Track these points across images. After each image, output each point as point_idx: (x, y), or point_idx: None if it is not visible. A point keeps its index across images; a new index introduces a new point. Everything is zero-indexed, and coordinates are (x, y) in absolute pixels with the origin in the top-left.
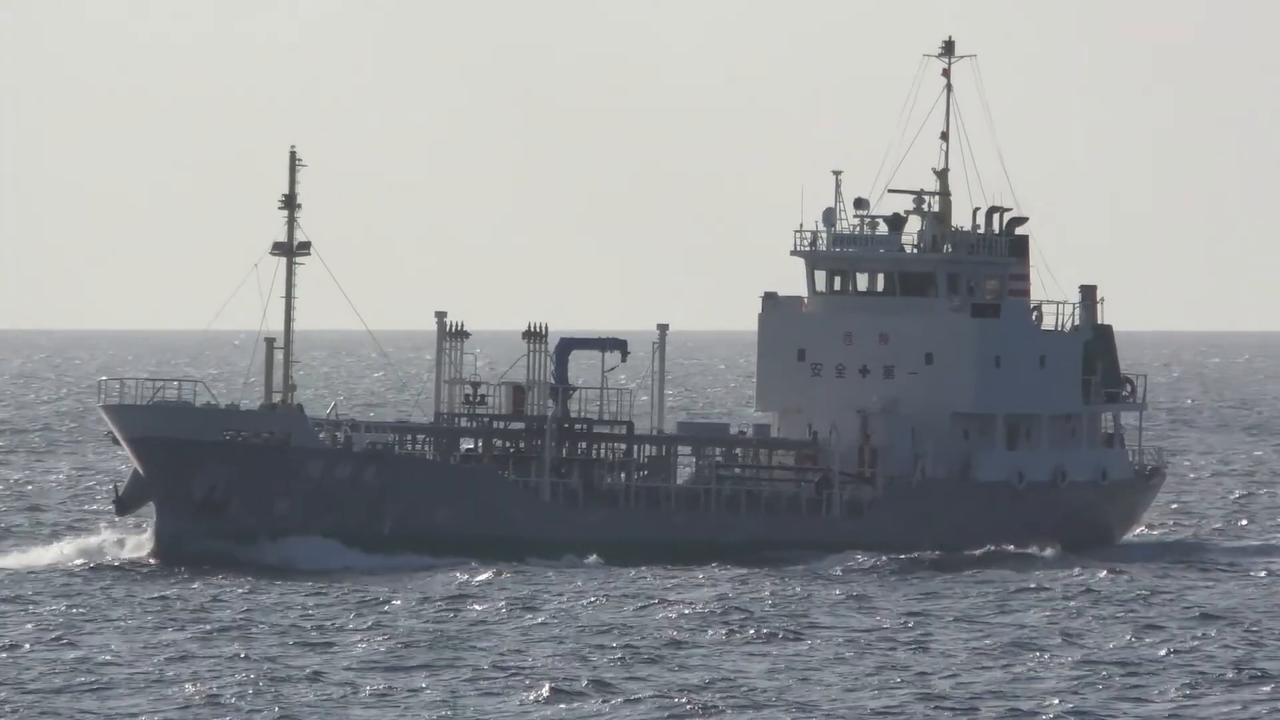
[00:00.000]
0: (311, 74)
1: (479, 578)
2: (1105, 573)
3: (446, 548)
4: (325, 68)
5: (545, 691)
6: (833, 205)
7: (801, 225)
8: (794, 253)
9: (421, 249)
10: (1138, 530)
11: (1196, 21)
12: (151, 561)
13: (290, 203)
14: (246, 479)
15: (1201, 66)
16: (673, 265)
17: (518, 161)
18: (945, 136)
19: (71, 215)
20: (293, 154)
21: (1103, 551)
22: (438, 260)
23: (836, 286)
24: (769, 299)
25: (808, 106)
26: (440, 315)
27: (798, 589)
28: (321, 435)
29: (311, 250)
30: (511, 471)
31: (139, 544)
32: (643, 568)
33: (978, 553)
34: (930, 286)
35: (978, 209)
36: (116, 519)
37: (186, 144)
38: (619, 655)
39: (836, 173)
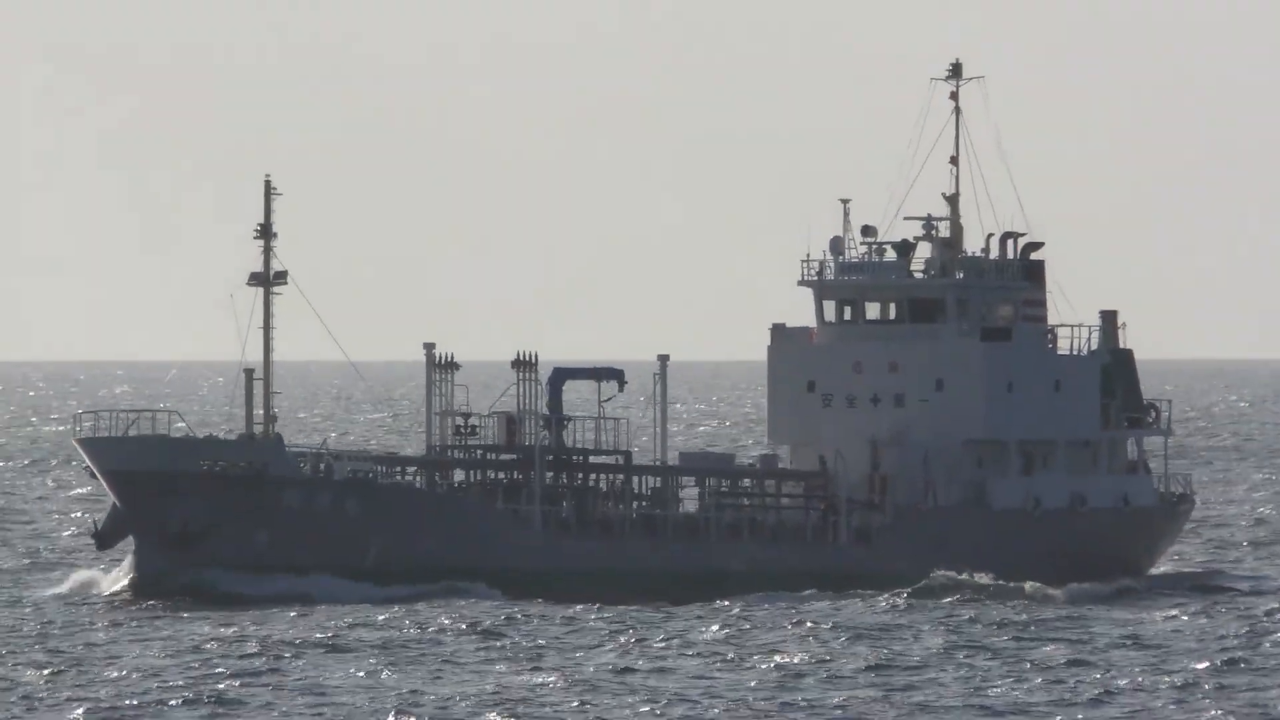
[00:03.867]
0: (289, 98)
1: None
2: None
3: (432, 578)
4: (303, 91)
5: None
6: (840, 234)
7: (809, 255)
8: (801, 282)
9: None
10: (1163, 561)
11: (1216, 35)
12: (129, 596)
13: (266, 232)
14: (224, 510)
15: (1222, 83)
16: (675, 295)
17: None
18: (955, 161)
19: (43, 243)
20: (268, 183)
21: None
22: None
23: (846, 316)
24: (777, 330)
25: (814, 134)
26: (429, 346)
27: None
28: (304, 466)
29: (289, 280)
30: (502, 501)
31: (118, 578)
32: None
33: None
34: (940, 313)
35: (991, 234)
36: (97, 553)
37: (161, 169)
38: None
39: (844, 201)
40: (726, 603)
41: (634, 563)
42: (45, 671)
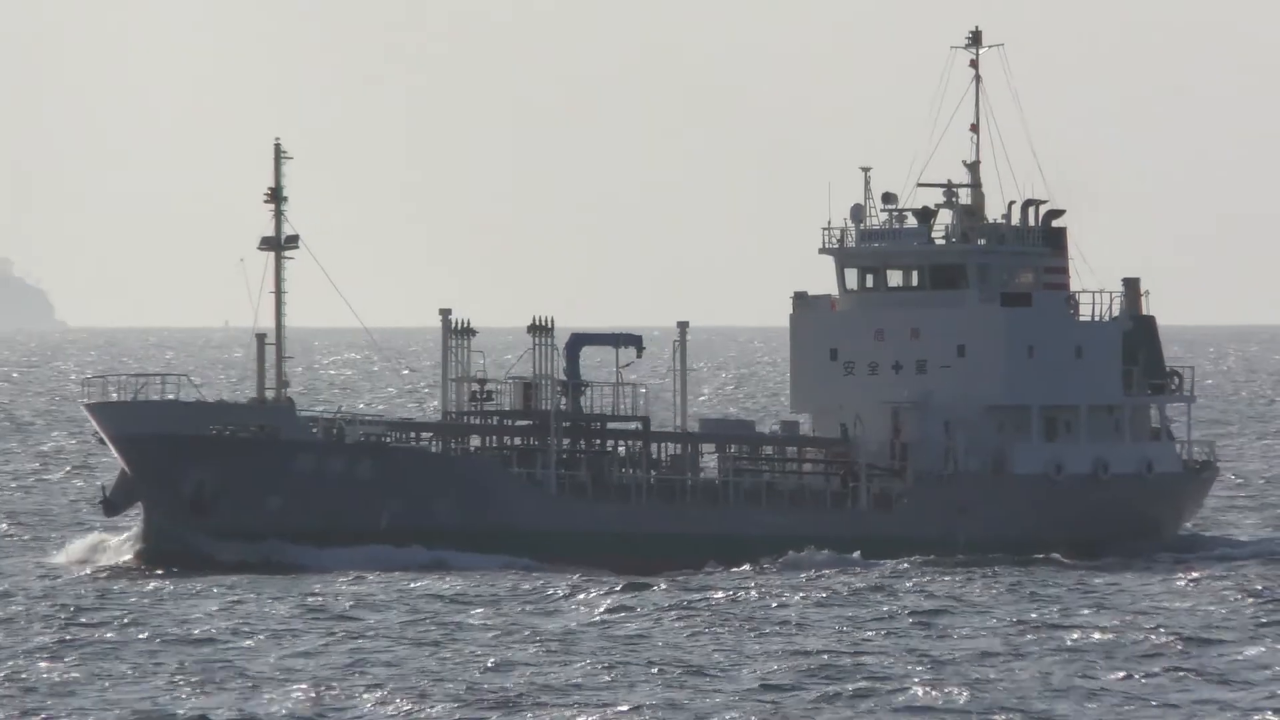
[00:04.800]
0: (299, 64)
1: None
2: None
3: (447, 541)
4: (313, 57)
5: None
6: (861, 202)
7: (830, 222)
8: (823, 250)
9: (421, 244)
10: (1188, 526)
11: None
12: (139, 564)
13: (277, 196)
14: (236, 475)
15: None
16: (696, 262)
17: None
18: (975, 128)
19: (56, 212)
20: (278, 146)
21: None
22: (439, 256)
23: (868, 284)
24: (799, 299)
25: (836, 102)
26: (445, 312)
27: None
28: (316, 431)
29: (300, 244)
30: (517, 466)
31: (128, 544)
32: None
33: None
34: (961, 279)
35: (1012, 202)
36: (106, 520)
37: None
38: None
39: (865, 169)
40: (747, 568)
41: (650, 528)
42: (53, 644)
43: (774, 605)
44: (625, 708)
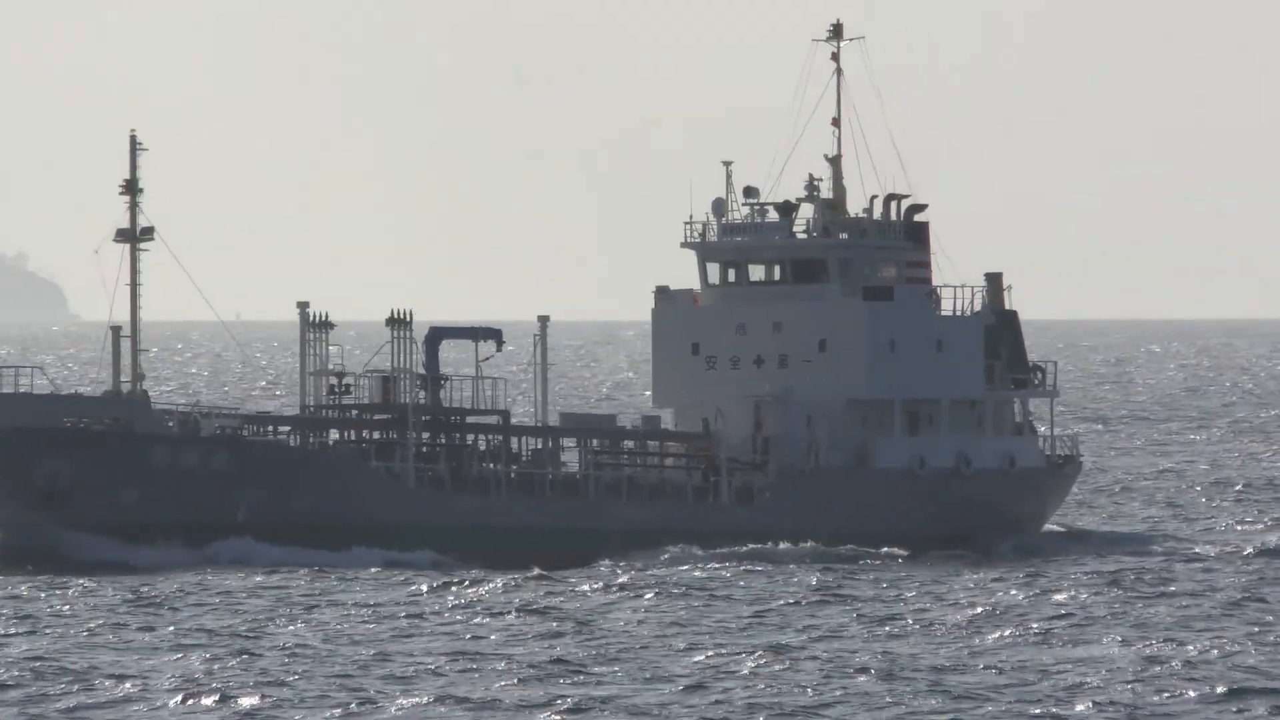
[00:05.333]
0: (156, 56)
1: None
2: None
3: (304, 536)
4: (170, 48)
5: None
6: (723, 195)
7: (691, 216)
8: (685, 245)
9: (281, 237)
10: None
11: None
12: None
13: (132, 188)
14: (89, 468)
15: (1104, 41)
16: (558, 256)
17: (393, 142)
18: (837, 122)
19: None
20: (133, 138)
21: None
22: (299, 249)
23: (731, 278)
24: (661, 293)
25: (699, 95)
26: (302, 305)
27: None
28: (171, 424)
29: (155, 235)
30: (375, 459)
31: None
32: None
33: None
34: (823, 273)
35: (874, 196)
36: None
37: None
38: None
39: (727, 163)
40: (606, 562)
41: (509, 520)
42: None
43: (615, 601)
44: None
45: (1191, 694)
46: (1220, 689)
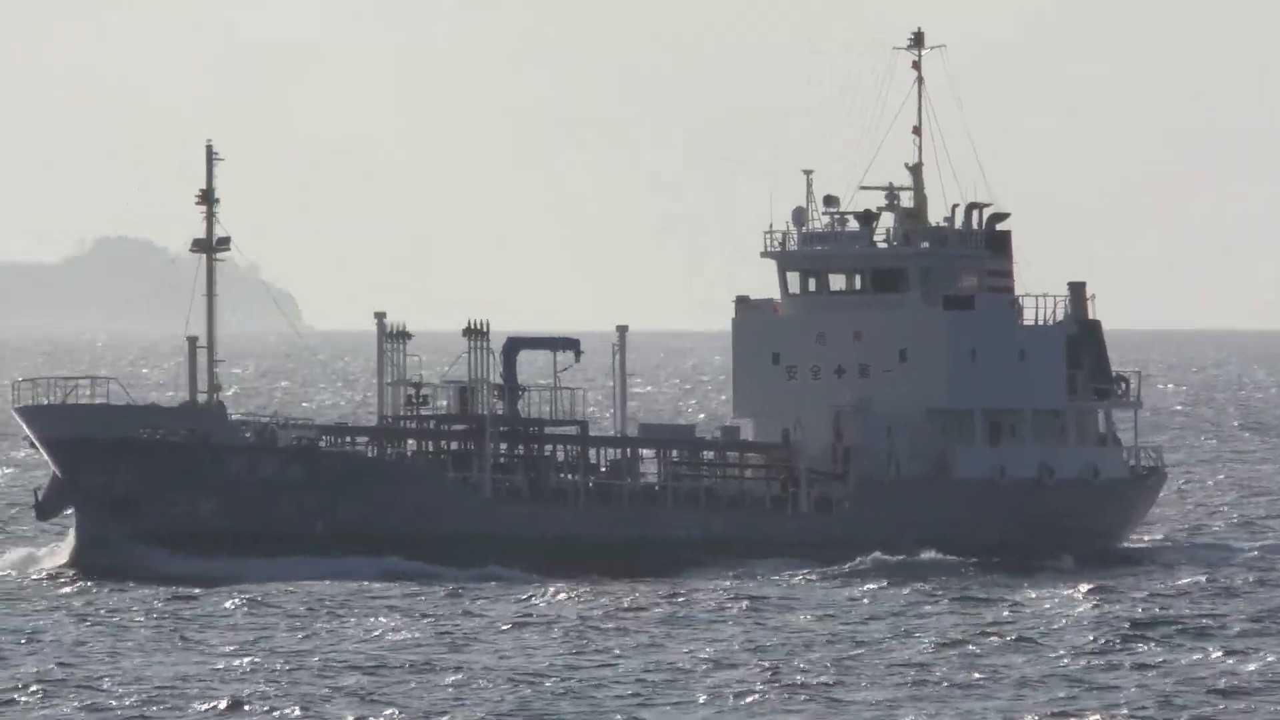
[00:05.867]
0: (238, 65)
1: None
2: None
3: (381, 546)
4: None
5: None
6: (803, 205)
7: (771, 226)
8: (765, 254)
9: (361, 248)
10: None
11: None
12: (71, 570)
13: (209, 198)
14: (165, 478)
15: (1191, 50)
16: (637, 267)
17: (469, 154)
18: (918, 131)
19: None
20: (209, 148)
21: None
22: (377, 259)
23: (811, 287)
24: (741, 303)
25: (778, 104)
26: (380, 316)
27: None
28: (248, 435)
29: (231, 245)
30: (452, 470)
31: (60, 550)
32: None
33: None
34: (903, 282)
35: (956, 205)
36: (39, 524)
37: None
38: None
39: (807, 172)
40: (678, 574)
41: (586, 531)
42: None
43: (710, 610)
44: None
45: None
46: None
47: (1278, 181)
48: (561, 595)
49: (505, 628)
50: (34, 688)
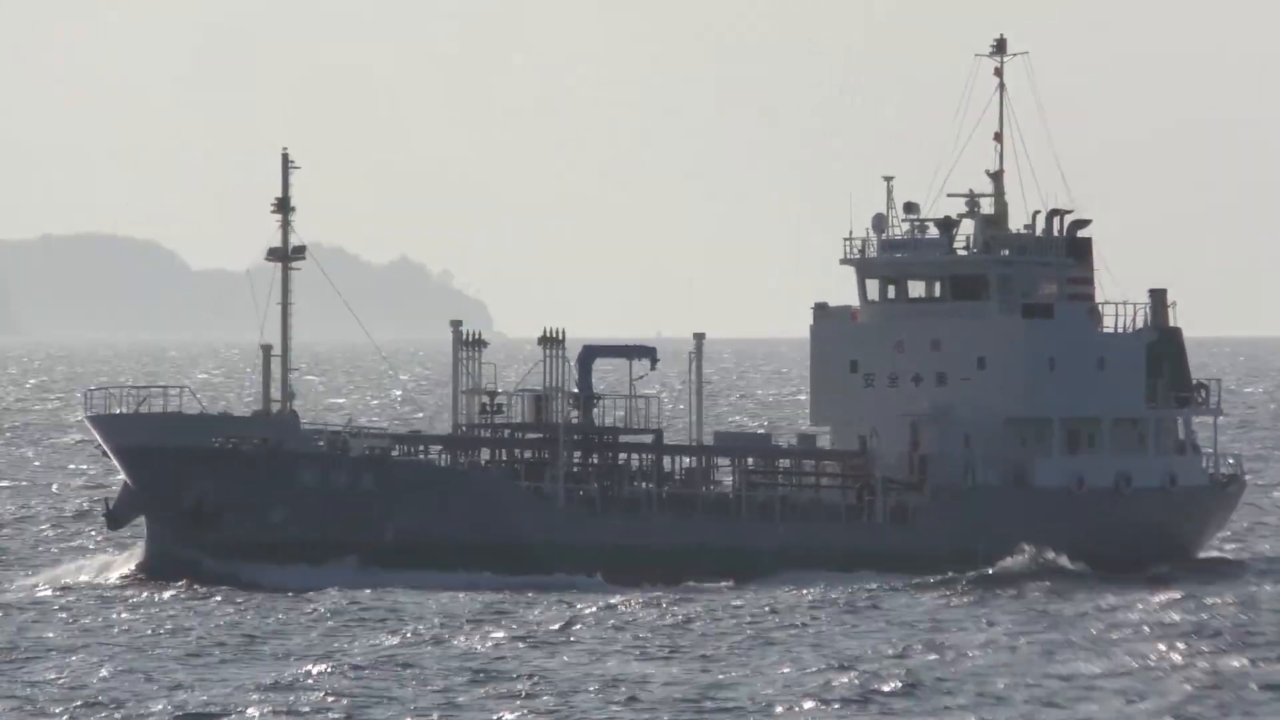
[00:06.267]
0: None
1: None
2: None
3: (454, 557)
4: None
5: None
6: (883, 211)
7: (851, 232)
8: (844, 261)
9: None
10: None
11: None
12: (141, 577)
13: (284, 206)
14: (237, 487)
15: (1275, 54)
16: (714, 273)
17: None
18: (999, 137)
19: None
20: (285, 155)
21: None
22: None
23: (890, 294)
24: (820, 310)
25: (859, 111)
26: (455, 324)
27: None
28: (320, 444)
29: (307, 254)
30: (525, 478)
31: (131, 559)
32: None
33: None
34: (983, 290)
35: (1037, 212)
36: (109, 533)
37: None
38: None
39: (887, 178)
40: (752, 583)
41: (659, 540)
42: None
43: (786, 620)
44: None
45: None
46: None
47: None
48: (634, 604)
49: (573, 639)
50: (101, 697)
